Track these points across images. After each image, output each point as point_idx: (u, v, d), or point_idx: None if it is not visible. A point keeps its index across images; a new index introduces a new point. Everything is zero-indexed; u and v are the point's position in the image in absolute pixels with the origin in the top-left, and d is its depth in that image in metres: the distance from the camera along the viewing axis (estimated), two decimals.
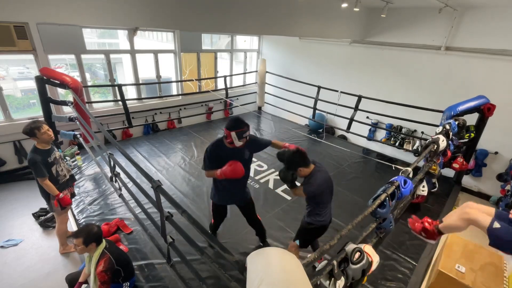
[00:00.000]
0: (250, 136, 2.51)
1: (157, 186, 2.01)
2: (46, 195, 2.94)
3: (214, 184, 2.67)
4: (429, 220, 2.02)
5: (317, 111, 6.44)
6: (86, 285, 2.51)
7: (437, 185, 3.69)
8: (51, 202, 2.93)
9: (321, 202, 2.42)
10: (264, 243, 3.15)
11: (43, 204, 3.10)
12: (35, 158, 2.74)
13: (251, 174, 4.58)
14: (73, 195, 3.33)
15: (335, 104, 5.79)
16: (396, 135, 6.11)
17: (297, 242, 2.61)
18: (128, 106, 5.25)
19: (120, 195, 3.11)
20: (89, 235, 2.15)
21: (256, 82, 7.84)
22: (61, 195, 2.90)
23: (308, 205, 2.51)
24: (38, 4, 3.52)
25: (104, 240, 2.30)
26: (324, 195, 2.40)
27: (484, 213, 1.66)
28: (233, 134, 2.34)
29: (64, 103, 4.10)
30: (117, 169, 2.95)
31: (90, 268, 2.24)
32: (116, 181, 3.14)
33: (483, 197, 5.25)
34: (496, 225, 1.53)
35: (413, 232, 2.10)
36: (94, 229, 2.20)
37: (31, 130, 2.74)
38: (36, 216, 3.79)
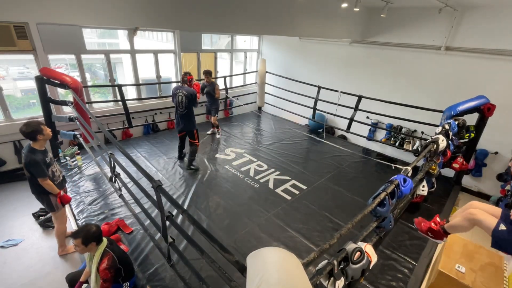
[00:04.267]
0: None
1: (158, 186, 2.02)
2: (42, 196, 2.91)
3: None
4: (437, 220, 2.02)
5: (317, 111, 6.44)
6: (86, 284, 2.51)
7: (435, 185, 3.69)
8: (52, 201, 2.91)
9: None
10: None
11: None
12: (36, 158, 2.70)
13: (251, 174, 4.62)
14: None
15: (335, 104, 5.79)
16: (396, 135, 6.11)
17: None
18: (128, 106, 5.25)
19: (120, 195, 3.11)
20: (87, 235, 2.16)
21: (256, 82, 7.84)
22: (62, 193, 2.93)
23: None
24: (38, 4, 3.52)
25: (105, 239, 2.31)
26: None
27: (489, 214, 1.66)
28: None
29: (64, 103, 4.10)
30: (117, 169, 2.95)
31: (91, 267, 2.25)
32: (116, 181, 3.14)
33: (483, 197, 5.25)
34: (502, 227, 1.53)
35: (420, 232, 2.10)
36: (92, 228, 2.20)
37: (39, 125, 2.71)
38: (36, 216, 3.79)
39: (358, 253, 1.60)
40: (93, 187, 3.98)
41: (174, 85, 6.61)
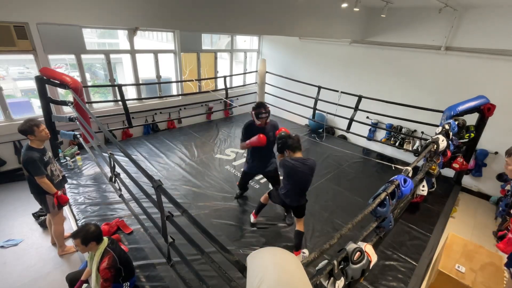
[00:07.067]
0: (272, 121, 3.33)
1: (158, 186, 2.01)
2: (41, 197, 2.90)
3: (248, 156, 3.49)
4: None
5: (317, 111, 6.44)
6: (86, 284, 2.51)
7: (435, 185, 3.70)
8: (48, 202, 2.90)
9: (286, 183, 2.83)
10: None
11: None
12: (33, 156, 2.70)
13: None
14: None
15: (335, 104, 5.79)
16: (396, 135, 6.11)
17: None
18: (128, 106, 5.24)
19: (120, 195, 3.11)
20: (87, 235, 2.16)
21: (256, 82, 7.84)
22: (59, 193, 2.90)
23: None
24: (38, 4, 3.52)
25: (106, 238, 2.31)
26: (289, 178, 2.78)
27: None
28: (252, 113, 3.12)
29: (64, 103, 4.10)
30: (117, 169, 2.95)
31: (92, 266, 2.25)
32: (116, 181, 3.14)
33: (483, 197, 5.25)
34: None
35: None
36: (91, 228, 2.21)
37: (30, 127, 2.71)
38: (36, 216, 3.78)
39: (358, 253, 1.60)
40: (93, 187, 3.98)
41: (174, 84, 6.65)
